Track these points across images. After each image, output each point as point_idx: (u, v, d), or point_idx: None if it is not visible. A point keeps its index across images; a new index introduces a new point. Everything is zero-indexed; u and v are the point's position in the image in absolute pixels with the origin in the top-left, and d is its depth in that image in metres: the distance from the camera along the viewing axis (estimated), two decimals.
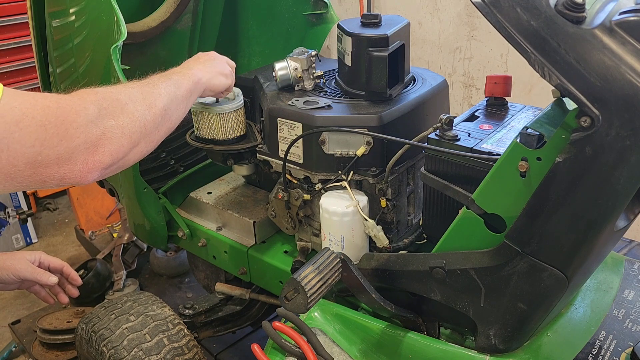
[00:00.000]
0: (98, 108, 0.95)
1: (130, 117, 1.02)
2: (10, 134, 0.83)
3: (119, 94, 1.04)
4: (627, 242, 1.92)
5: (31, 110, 0.86)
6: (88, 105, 0.94)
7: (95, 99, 0.97)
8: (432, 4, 3.22)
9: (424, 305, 1.32)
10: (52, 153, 0.88)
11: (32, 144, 0.85)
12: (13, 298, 2.88)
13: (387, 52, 1.40)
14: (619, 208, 0.97)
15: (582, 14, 0.91)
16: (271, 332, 1.21)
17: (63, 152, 0.89)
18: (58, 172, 0.90)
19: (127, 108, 1.02)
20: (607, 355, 1.21)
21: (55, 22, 1.74)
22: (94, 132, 0.94)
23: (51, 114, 0.88)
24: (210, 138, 1.64)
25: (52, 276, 1.64)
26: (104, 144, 0.95)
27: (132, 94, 1.06)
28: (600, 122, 0.88)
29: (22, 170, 0.86)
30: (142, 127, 1.05)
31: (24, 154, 0.85)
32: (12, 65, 3.17)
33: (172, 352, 1.57)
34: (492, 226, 1.11)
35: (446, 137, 1.24)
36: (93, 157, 0.94)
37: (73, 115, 0.91)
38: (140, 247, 2.67)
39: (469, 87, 3.24)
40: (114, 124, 0.98)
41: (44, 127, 0.86)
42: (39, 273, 1.62)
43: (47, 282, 1.63)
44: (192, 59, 1.43)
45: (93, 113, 0.94)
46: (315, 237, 1.63)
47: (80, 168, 0.92)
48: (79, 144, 0.91)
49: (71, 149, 0.90)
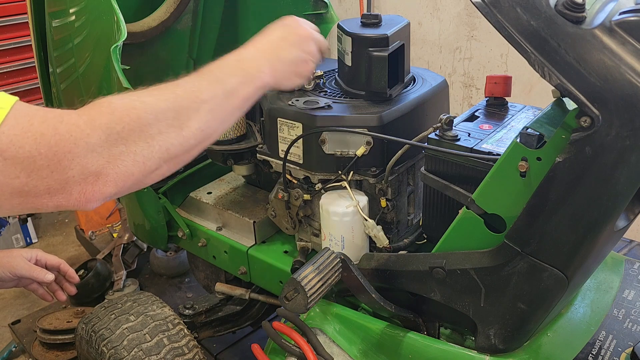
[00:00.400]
0: (107, 133, 0.84)
1: (149, 142, 0.88)
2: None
3: (143, 111, 0.89)
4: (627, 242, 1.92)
5: (20, 139, 0.77)
6: (93, 131, 0.83)
7: (107, 121, 0.85)
8: (432, 4, 3.22)
9: (424, 305, 1.32)
10: (41, 184, 0.80)
11: (16, 176, 0.78)
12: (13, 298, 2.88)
13: (387, 52, 1.40)
14: (619, 208, 0.97)
15: (582, 14, 0.91)
16: (271, 332, 1.21)
17: (54, 183, 0.80)
18: (51, 201, 0.82)
19: (148, 131, 0.88)
20: (607, 355, 1.21)
21: (55, 22, 1.74)
22: (95, 161, 0.83)
23: (43, 144, 0.79)
24: None
25: (48, 273, 1.64)
26: (107, 173, 0.84)
27: (161, 110, 0.90)
28: (600, 122, 0.88)
29: (8, 200, 0.79)
30: (164, 151, 0.91)
31: (8, 185, 0.78)
32: (12, 65, 3.17)
33: (172, 352, 1.57)
34: (492, 226, 1.11)
35: (446, 137, 1.24)
36: (92, 188, 0.84)
37: (70, 145, 0.80)
38: (140, 247, 2.67)
39: (469, 87, 3.24)
40: (125, 150, 0.86)
41: (32, 158, 0.78)
42: (35, 270, 1.62)
43: (43, 279, 1.63)
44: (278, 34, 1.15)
45: (97, 141, 0.83)
46: (315, 237, 1.63)
47: (77, 197, 0.83)
48: (73, 175, 0.81)
49: (63, 181, 0.81)
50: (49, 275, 1.64)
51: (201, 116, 0.95)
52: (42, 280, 1.64)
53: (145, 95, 0.92)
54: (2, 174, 0.77)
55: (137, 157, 0.87)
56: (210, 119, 0.97)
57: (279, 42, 1.15)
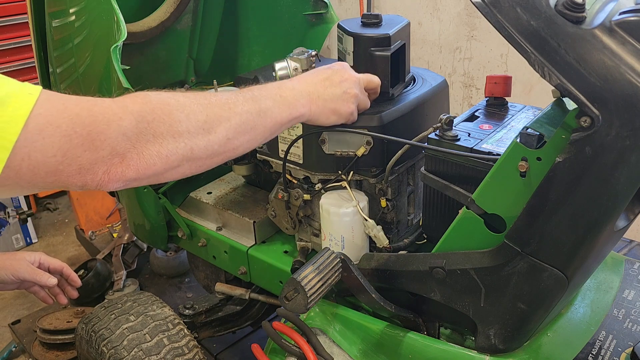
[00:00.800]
0: (137, 120, 0.88)
1: (176, 138, 0.92)
2: (32, 143, 0.79)
3: (175, 108, 0.93)
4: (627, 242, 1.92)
5: (57, 119, 0.81)
6: (125, 115, 0.87)
7: (140, 109, 0.89)
8: (432, 4, 3.22)
9: (424, 305, 1.32)
10: (74, 163, 0.84)
11: (53, 154, 0.81)
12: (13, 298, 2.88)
13: (390, 51, 1.41)
14: (619, 208, 0.97)
15: (582, 14, 0.91)
16: (271, 332, 1.21)
17: (85, 162, 0.85)
18: (79, 180, 0.86)
19: (176, 127, 0.92)
20: (607, 355, 1.21)
21: (55, 22, 1.74)
22: (123, 145, 0.87)
23: (78, 123, 0.83)
24: None
25: (51, 277, 1.64)
26: (132, 157, 0.88)
27: (193, 112, 0.94)
28: (600, 122, 0.88)
29: (42, 178, 0.83)
30: (188, 150, 0.94)
31: (45, 163, 0.81)
32: (12, 65, 3.17)
33: (172, 352, 1.57)
34: (492, 226, 1.11)
35: (446, 137, 1.24)
36: (116, 169, 0.88)
37: (102, 126, 0.85)
38: (140, 247, 2.67)
39: (469, 87, 3.24)
40: (152, 140, 0.90)
41: (69, 136, 0.82)
42: (39, 274, 1.62)
43: (46, 283, 1.63)
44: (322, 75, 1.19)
45: (128, 125, 0.87)
46: (315, 237, 1.63)
47: (101, 177, 0.87)
48: (103, 155, 0.86)
49: (94, 160, 0.85)
50: (52, 279, 1.64)
51: (230, 125, 0.98)
52: (45, 284, 1.64)
53: (181, 95, 0.96)
54: (41, 153, 0.80)
55: (162, 149, 0.91)
56: (238, 130, 1.00)
57: (322, 81, 1.19)
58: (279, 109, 1.08)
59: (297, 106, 1.11)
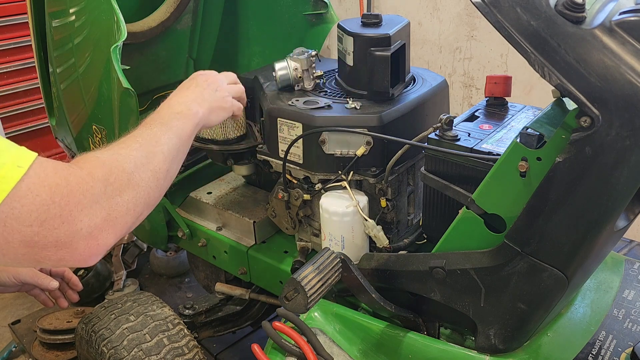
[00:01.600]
0: (104, 185, 0.90)
1: (136, 190, 0.96)
2: (10, 209, 0.78)
3: (125, 162, 0.97)
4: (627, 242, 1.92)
5: (37, 187, 0.81)
6: (95, 183, 0.89)
7: (103, 173, 0.91)
8: (432, 4, 3.22)
9: (424, 305, 1.32)
10: (51, 235, 0.82)
11: (30, 223, 0.80)
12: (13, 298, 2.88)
13: (390, 51, 1.41)
14: (619, 208, 0.97)
15: (582, 14, 0.91)
16: (271, 332, 1.21)
17: (63, 235, 0.83)
18: (55, 255, 0.84)
19: (133, 179, 0.96)
20: (607, 355, 1.21)
21: (55, 22, 1.74)
22: (99, 214, 0.88)
23: (57, 193, 0.82)
24: (210, 138, 1.64)
25: (52, 280, 1.64)
26: (107, 226, 0.89)
27: (137, 160, 0.99)
28: (600, 122, 0.88)
29: (15, 248, 0.81)
30: (147, 196, 0.99)
31: (20, 232, 0.79)
32: (12, 65, 3.17)
33: (172, 352, 1.57)
34: (492, 226, 1.11)
35: (446, 137, 1.24)
36: (96, 242, 0.88)
37: (79, 196, 0.85)
38: (140, 247, 2.67)
39: (469, 87, 3.24)
40: (119, 200, 0.92)
41: (47, 206, 0.81)
42: (40, 277, 1.62)
43: (47, 286, 1.63)
44: (192, 85, 1.29)
45: (99, 191, 0.89)
46: (315, 237, 1.63)
47: (81, 252, 0.86)
48: (81, 227, 0.85)
49: (72, 233, 0.84)
50: (53, 283, 1.64)
51: (166, 158, 1.06)
52: (46, 287, 1.64)
53: (118, 148, 1.01)
54: (17, 221, 0.79)
55: (129, 205, 0.95)
56: (171, 159, 1.08)
57: (194, 88, 1.28)
58: (186, 124, 1.16)
59: (194, 114, 1.20)
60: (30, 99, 3.23)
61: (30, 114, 3.27)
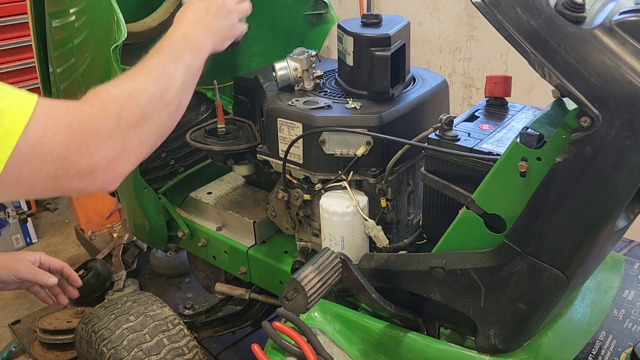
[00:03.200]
0: (117, 120, 0.95)
1: (148, 122, 1.01)
2: (33, 150, 0.84)
3: (138, 96, 1.01)
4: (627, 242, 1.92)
5: (53, 127, 0.87)
6: (108, 119, 0.94)
7: (115, 109, 0.96)
8: (432, 4, 3.22)
9: (424, 305, 1.32)
10: (73, 169, 0.89)
11: (52, 160, 0.86)
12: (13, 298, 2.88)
13: (390, 51, 1.40)
14: (619, 208, 0.97)
15: (582, 14, 0.91)
16: (271, 332, 1.21)
17: (84, 167, 0.90)
18: (79, 185, 0.91)
19: (146, 111, 1.01)
20: (607, 355, 1.21)
21: (55, 22, 1.74)
22: (114, 146, 0.94)
23: (72, 132, 0.88)
24: None
25: (52, 277, 1.64)
26: (123, 156, 0.96)
27: (150, 94, 1.03)
28: (600, 122, 0.88)
29: (42, 183, 0.87)
30: (159, 128, 1.04)
31: (45, 169, 0.86)
32: (12, 65, 3.17)
33: (172, 352, 1.57)
34: (492, 226, 1.11)
35: (446, 137, 1.24)
36: (114, 170, 0.95)
37: (93, 133, 0.91)
38: (140, 247, 2.67)
39: (469, 87, 3.24)
40: (133, 133, 0.97)
41: (66, 144, 0.87)
42: (39, 274, 1.62)
43: (47, 282, 1.63)
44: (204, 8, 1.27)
45: (112, 127, 0.94)
46: (315, 237, 1.63)
47: (101, 180, 0.93)
48: (99, 160, 0.91)
49: (92, 165, 0.91)
50: (52, 279, 1.64)
51: (178, 90, 1.09)
52: (45, 284, 1.64)
53: (131, 81, 1.04)
54: (40, 159, 0.85)
55: (143, 137, 1.00)
56: (182, 91, 1.11)
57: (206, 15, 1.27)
58: (195, 58, 1.18)
59: (204, 47, 1.22)
60: None
61: None
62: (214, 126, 1.72)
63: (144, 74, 1.07)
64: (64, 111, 0.90)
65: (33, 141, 0.84)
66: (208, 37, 1.24)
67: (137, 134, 0.98)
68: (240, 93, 1.79)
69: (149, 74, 1.07)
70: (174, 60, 1.13)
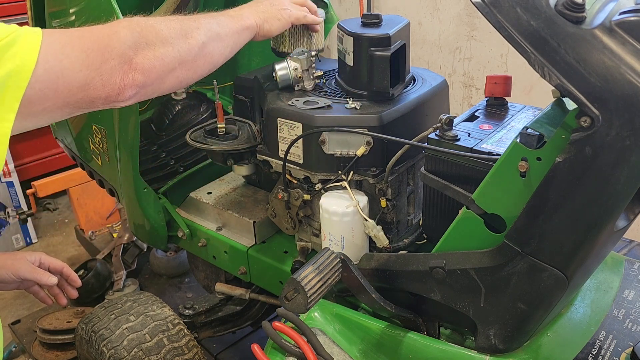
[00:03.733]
0: (130, 32, 1.04)
1: (164, 43, 1.09)
2: (60, 62, 0.92)
3: (156, 22, 1.10)
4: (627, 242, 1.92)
5: (69, 41, 0.96)
6: (120, 29, 1.03)
7: (129, 24, 1.05)
8: (432, 4, 3.22)
9: (424, 305, 1.32)
10: (97, 75, 0.97)
11: (79, 69, 0.95)
12: (13, 298, 2.88)
13: (390, 51, 1.40)
14: (619, 208, 0.97)
15: (582, 14, 0.91)
16: (271, 332, 1.21)
17: (105, 73, 0.99)
18: (103, 93, 1.00)
19: (162, 34, 1.09)
20: (607, 355, 1.21)
21: (55, 22, 1.74)
22: (127, 52, 1.02)
23: (87, 42, 0.98)
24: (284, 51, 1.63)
25: (51, 277, 1.64)
26: (137, 62, 1.03)
27: (170, 24, 1.13)
28: (600, 122, 0.88)
29: (75, 94, 0.96)
30: (177, 53, 1.11)
31: (76, 79, 0.95)
32: None
33: (172, 352, 1.57)
34: (492, 226, 1.11)
35: (446, 137, 1.24)
36: (128, 75, 1.02)
37: (107, 40, 1.00)
38: (140, 247, 2.67)
39: (469, 87, 3.24)
40: (147, 47, 1.06)
41: (86, 52, 0.96)
42: (39, 273, 1.62)
43: (46, 282, 1.63)
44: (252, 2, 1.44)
45: (125, 37, 1.03)
46: (315, 237, 1.63)
47: (119, 85, 1.01)
48: (115, 64, 1.00)
49: (110, 70, 0.99)
50: (52, 279, 1.64)
51: (201, 32, 1.18)
52: (45, 284, 1.64)
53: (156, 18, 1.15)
54: (70, 69, 0.94)
55: (157, 53, 1.08)
56: (209, 36, 1.20)
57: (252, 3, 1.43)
58: (231, 21, 1.30)
59: (245, 17, 1.34)
60: None
61: None
62: (214, 126, 1.72)
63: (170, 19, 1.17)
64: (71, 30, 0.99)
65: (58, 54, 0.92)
66: (249, 13, 1.36)
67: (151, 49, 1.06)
68: (240, 93, 1.79)
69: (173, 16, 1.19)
70: (205, 17, 1.24)
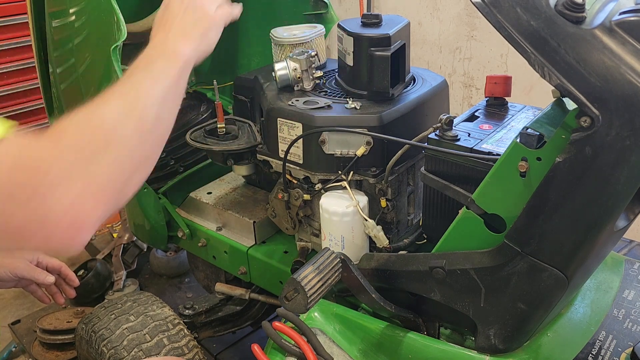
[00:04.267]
0: (75, 151, 0.80)
1: (118, 148, 0.85)
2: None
3: (103, 119, 0.86)
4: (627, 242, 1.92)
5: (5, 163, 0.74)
6: (63, 153, 0.79)
7: (73, 140, 0.81)
8: (432, 4, 3.22)
9: (424, 305, 1.32)
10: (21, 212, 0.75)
11: None
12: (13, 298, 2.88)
13: (390, 51, 1.41)
14: (619, 208, 0.97)
15: (582, 14, 0.91)
16: (271, 332, 1.21)
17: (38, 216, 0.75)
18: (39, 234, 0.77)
19: (114, 136, 0.85)
20: (607, 355, 1.21)
21: (55, 22, 1.74)
22: (74, 184, 0.78)
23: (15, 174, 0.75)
24: None
25: (49, 275, 1.64)
26: (89, 196, 0.79)
27: (116, 112, 0.87)
28: (600, 122, 0.88)
29: None
30: (134, 153, 0.88)
31: None
32: (12, 65, 3.17)
33: (172, 352, 1.57)
34: (492, 226, 1.11)
35: (446, 137, 1.24)
36: (79, 216, 0.78)
37: (41, 174, 0.76)
38: (140, 247, 2.67)
39: (469, 87, 3.24)
40: (98, 165, 0.81)
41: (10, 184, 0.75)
42: (36, 272, 1.62)
43: (44, 281, 1.63)
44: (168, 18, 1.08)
45: (68, 161, 0.79)
46: (315, 237, 1.63)
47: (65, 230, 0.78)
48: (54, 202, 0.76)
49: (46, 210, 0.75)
50: (49, 278, 1.64)
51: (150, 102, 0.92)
52: (42, 282, 1.64)
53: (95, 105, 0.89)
54: None
55: (112, 167, 0.84)
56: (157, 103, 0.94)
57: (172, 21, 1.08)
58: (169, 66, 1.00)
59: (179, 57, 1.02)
60: (30, 99, 3.23)
61: (30, 114, 3.27)
62: (214, 126, 1.72)
63: (107, 95, 0.91)
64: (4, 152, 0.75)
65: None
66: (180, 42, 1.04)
67: (106, 164, 0.82)
68: (240, 93, 1.79)
69: (112, 92, 0.92)
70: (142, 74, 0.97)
